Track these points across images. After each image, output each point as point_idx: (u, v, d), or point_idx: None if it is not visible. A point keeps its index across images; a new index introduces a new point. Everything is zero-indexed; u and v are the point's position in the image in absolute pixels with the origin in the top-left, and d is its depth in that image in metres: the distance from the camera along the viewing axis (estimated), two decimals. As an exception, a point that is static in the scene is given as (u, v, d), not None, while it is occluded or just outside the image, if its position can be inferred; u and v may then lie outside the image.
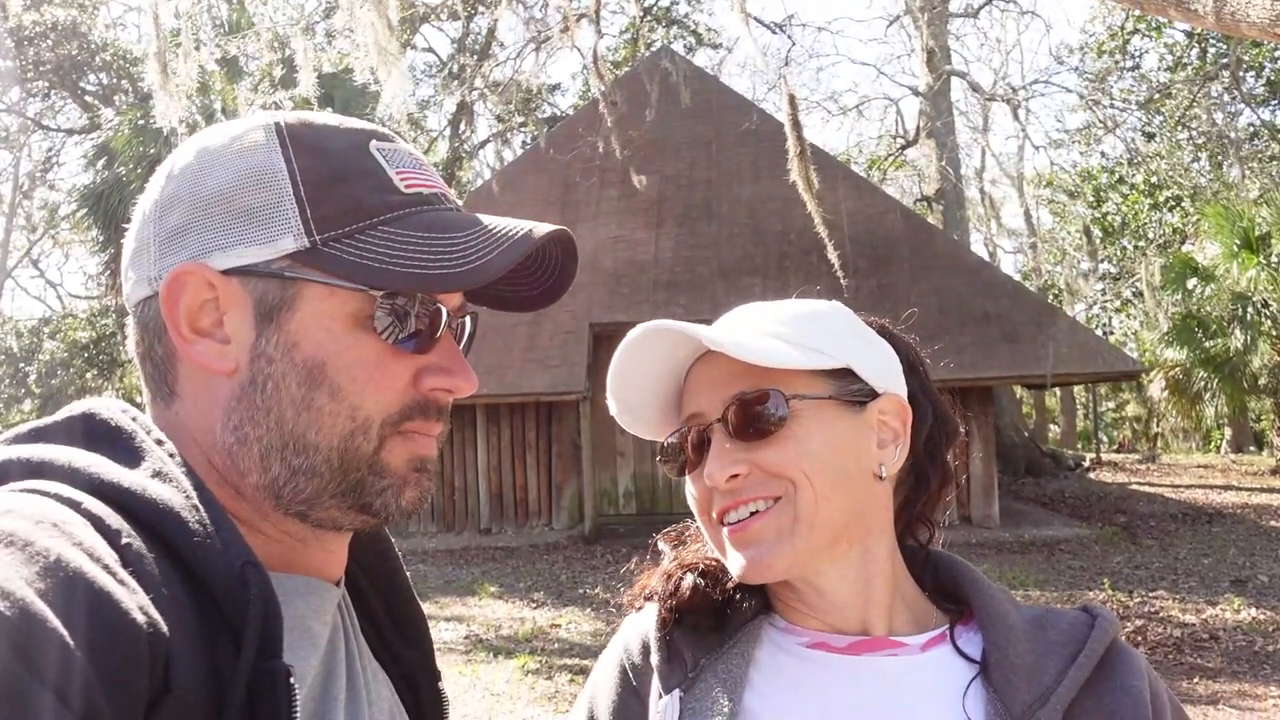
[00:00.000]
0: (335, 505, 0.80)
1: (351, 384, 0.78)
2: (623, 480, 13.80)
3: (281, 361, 0.78)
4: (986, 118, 32.50)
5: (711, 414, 1.01)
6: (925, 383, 1.12)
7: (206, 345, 0.79)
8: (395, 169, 0.83)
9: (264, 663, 0.67)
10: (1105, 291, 30.50)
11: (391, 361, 0.80)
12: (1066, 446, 25.91)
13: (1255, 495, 15.84)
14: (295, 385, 0.78)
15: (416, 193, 0.83)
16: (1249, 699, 6.22)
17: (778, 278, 13.41)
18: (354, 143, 0.83)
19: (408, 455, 0.81)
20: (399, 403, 0.80)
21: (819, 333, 1.03)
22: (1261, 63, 23.87)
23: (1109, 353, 14.20)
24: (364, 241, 0.79)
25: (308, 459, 0.78)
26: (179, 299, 0.79)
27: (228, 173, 0.80)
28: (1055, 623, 1.04)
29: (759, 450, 0.98)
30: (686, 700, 1.03)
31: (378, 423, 0.79)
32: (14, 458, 0.71)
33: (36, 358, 25.04)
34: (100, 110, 19.23)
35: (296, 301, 0.78)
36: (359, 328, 0.79)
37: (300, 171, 0.80)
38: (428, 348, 0.82)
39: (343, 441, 0.79)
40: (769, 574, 1.00)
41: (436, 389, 0.82)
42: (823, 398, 1.00)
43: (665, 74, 15.50)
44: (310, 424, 0.78)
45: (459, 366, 0.84)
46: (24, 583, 0.57)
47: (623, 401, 1.06)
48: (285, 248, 0.78)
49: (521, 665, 7.27)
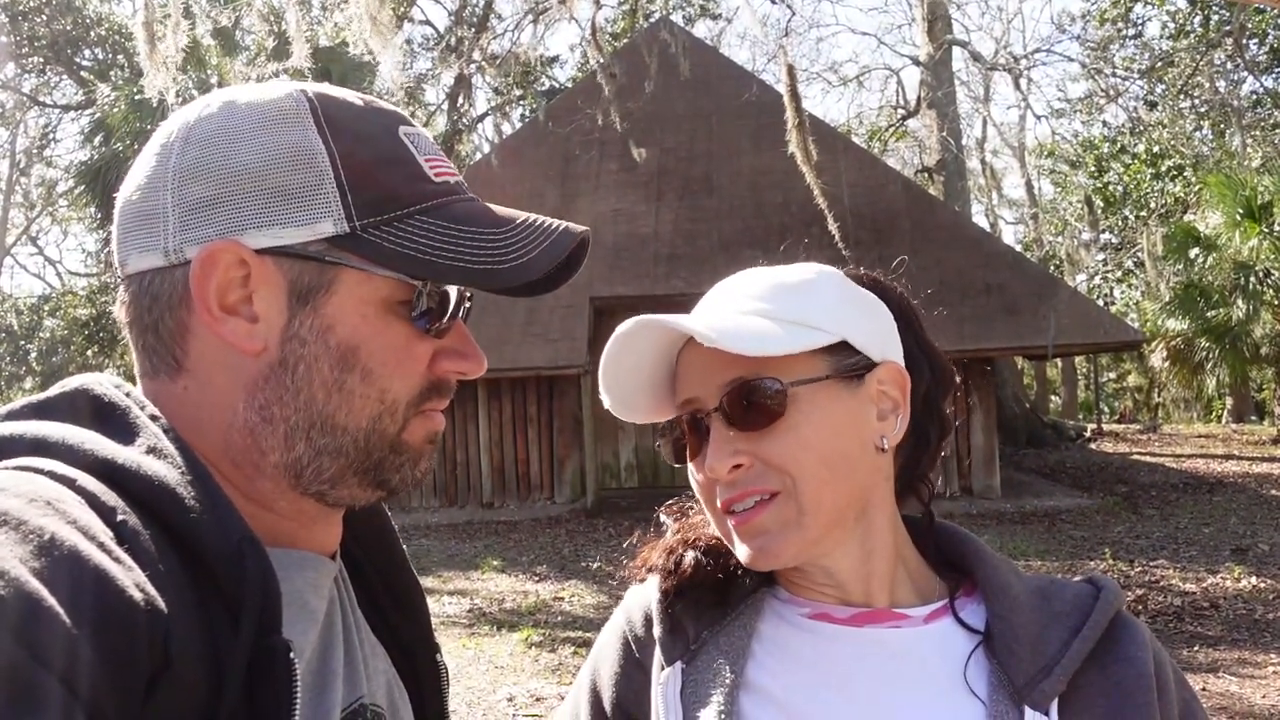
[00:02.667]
0: (356, 483, 0.82)
1: (382, 368, 0.80)
2: (624, 454, 13.84)
3: (315, 344, 0.78)
4: (988, 87, 32.35)
5: (708, 401, 0.99)
6: (920, 335, 1.09)
7: (236, 324, 0.78)
8: (424, 156, 0.84)
9: (263, 638, 0.67)
10: (1107, 262, 30.44)
11: (416, 345, 0.82)
12: (1068, 417, 25.94)
13: (1256, 465, 15.88)
14: (328, 368, 0.78)
15: (445, 182, 0.84)
16: (1249, 666, 6.26)
17: (778, 250, 13.27)
18: (386, 128, 0.83)
19: (425, 432, 0.84)
20: (420, 384, 0.83)
21: (810, 306, 1.00)
22: (1265, 30, 23.69)
23: (1110, 323, 14.19)
24: (403, 230, 0.79)
25: (334, 439, 0.79)
26: (211, 275, 0.77)
27: (261, 147, 0.78)
28: (1059, 593, 1.03)
29: (759, 440, 0.97)
30: (689, 672, 1.03)
31: (403, 404, 0.82)
32: (8, 434, 0.70)
33: (37, 335, 25.06)
34: (96, 86, 19.11)
35: (334, 285, 0.78)
36: (390, 313, 0.80)
37: (340, 155, 0.79)
38: (445, 331, 0.84)
39: (371, 423, 0.80)
40: (777, 562, 0.99)
41: (451, 371, 0.85)
42: (820, 379, 0.98)
43: (664, 45, 15.39)
44: (340, 406, 0.79)
45: (472, 350, 0.87)
46: (18, 562, 0.56)
47: (615, 394, 1.04)
48: (324, 231, 0.77)
49: (525, 638, 7.31)
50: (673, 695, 1.02)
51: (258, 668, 0.67)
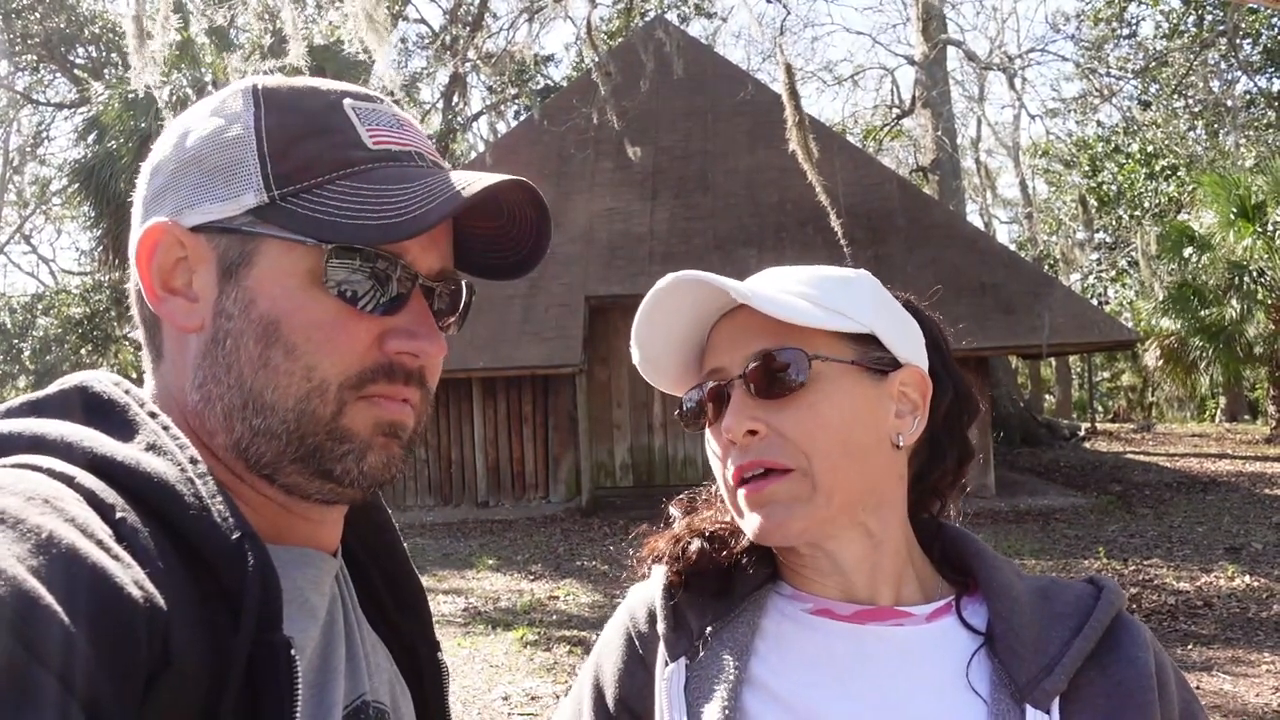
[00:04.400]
0: (297, 471, 0.78)
1: (307, 343, 0.77)
2: (619, 453, 13.83)
3: (240, 318, 0.78)
4: (982, 87, 32.38)
5: (733, 369, 1.01)
6: (948, 359, 1.11)
7: (176, 303, 0.80)
8: (368, 126, 0.82)
9: (264, 635, 0.67)
10: (1101, 261, 30.49)
11: (350, 322, 0.78)
12: (1062, 416, 25.99)
13: (1249, 464, 15.91)
14: (253, 343, 0.77)
15: (385, 149, 0.81)
16: (1242, 665, 6.27)
17: (774, 249, 13.37)
18: (328, 101, 0.83)
19: (372, 419, 0.79)
20: (359, 365, 0.78)
21: (846, 297, 1.02)
22: (1259, 29, 23.74)
23: (1104, 322, 14.20)
24: (320, 196, 0.78)
25: (265, 420, 0.77)
26: (151, 257, 0.80)
27: (203, 134, 0.81)
28: (1060, 594, 1.04)
29: (778, 411, 0.98)
30: (693, 668, 1.03)
31: (335, 385, 0.78)
32: (6, 431, 0.70)
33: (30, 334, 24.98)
34: (90, 84, 19.06)
35: (255, 257, 0.78)
36: (315, 286, 0.77)
37: (266, 129, 0.80)
38: (395, 310, 0.80)
39: (298, 403, 0.77)
40: (783, 537, 1.00)
41: (400, 352, 0.80)
42: (845, 362, 1.00)
43: (659, 44, 15.39)
44: (267, 383, 0.77)
45: (425, 330, 0.81)
46: (16, 560, 0.56)
47: (647, 351, 1.06)
48: (247, 203, 0.78)
49: (520, 637, 7.31)
50: (677, 691, 1.02)
51: (258, 665, 0.66)
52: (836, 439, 0.98)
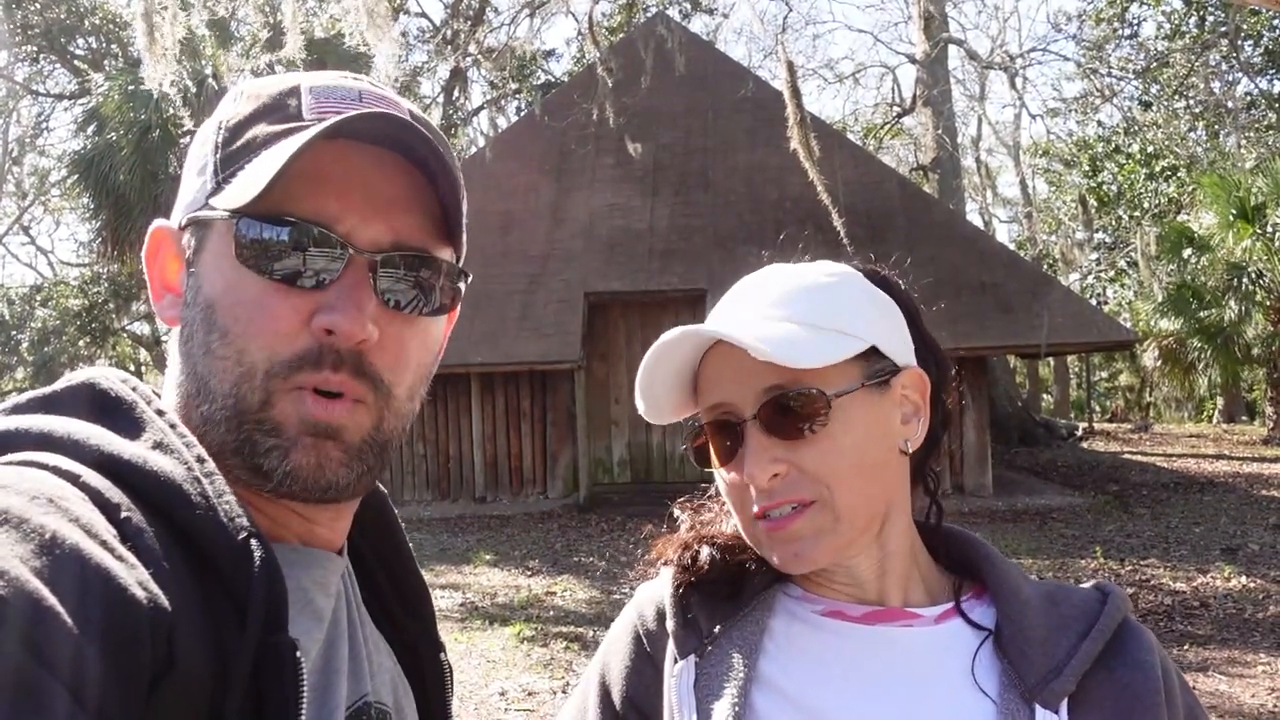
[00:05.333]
0: (239, 465, 0.75)
1: (235, 324, 0.75)
2: (617, 449, 13.83)
3: (193, 306, 0.78)
4: (983, 86, 32.34)
5: (743, 406, 0.99)
6: (923, 330, 1.10)
7: (168, 299, 0.81)
8: (316, 101, 0.80)
9: (269, 637, 0.66)
10: (1100, 261, 30.49)
11: (273, 300, 0.74)
12: (1060, 416, 26.00)
13: (1247, 465, 15.93)
14: (201, 330, 0.77)
15: (317, 118, 0.78)
16: (1238, 665, 6.28)
17: (773, 246, 13.22)
18: (287, 86, 0.82)
19: (297, 415, 0.75)
20: (289, 349, 0.74)
21: (841, 311, 1.00)
22: (1260, 31, 23.74)
23: (1103, 322, 14.21)
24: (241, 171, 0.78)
25: (210, 407, 0.76)
26: (154, 258, 0.82)
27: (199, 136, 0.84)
28: (1067, 598, 1.05)
29: (798, 449, 0.97)
30: (702, 666, 1.03)
31: (262, 371, 0.74)
32: (13, 428, 0.69)
33: (29, 325, 24.94)
34: (90, 75, 19.01)
35: (205, 242, 0.79)
36: (243, 264, 0.75)
37: (228, 119, 0.81)
38: (325, 286, 0.75)
39: (232, 388, 0.75)
40: (810, 567, 1.00)
41: (323, 328, 0.74)
42: (856, 389, 0.99)
43: (660, 41, 15.37)
44: (210, 370, 0.76)
45: (347, 304, 0.74)
46: (19, 561, 0.56)
47: (649, 399, 1.04)
48: (206, 192, 0.79)
49: (517, 633, 7.31)
50: (686, 688, 1.02)
51: (263, 667, 0.66)
52: (854, 465, 0.98)
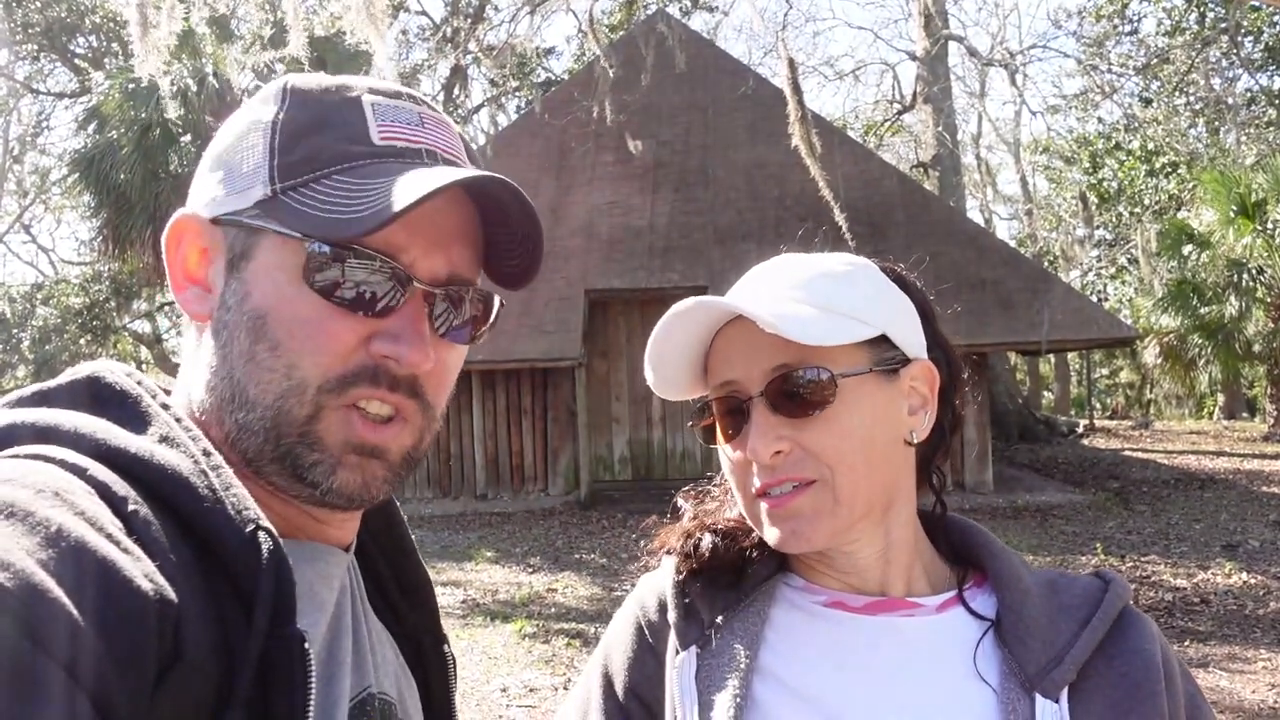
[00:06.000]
0: (276, 472, 0.77)
1: (290, 340, 0.76)
2: (618, 446, 13.84)
3: (235, 310, 0.78)
4: (984, 83, 32.31)
5: (750, 385, 1.00)
6: (937, 330, 1.11)
7: (194, 292, 0.81)
8: (381, 121, 0.81)
9: (277, 630, 0.66)
10: (1100, 258, 30.48)
11: (334, 321, 0.76)
12: (1060, 412, 25.99)
13: (1247, 461, 15.92)
14: (243, 336, 0.77)
15: (389, 145, 0.80)
16: (1239, 662, 6.29)
17: (773, 243, 13.23)
18: (347, 97, 0.82)
19: (343, 436, 0.77)
20: (341, 367, 0.76)
21: (854, 297, 1.01)
22: (1260, 27, 23.71)
23: (1104, 319, 14.20)
24: (314, 191, 0.77)
25: (247, 415, 0.77)
26: (176, 247, 0.82)
27: (235, 129, 0.83)
28: (1068, 586, 1.05)
29: (802, 428, 0.98)
30: (703, 657, 1.04)
31: (313, 387, 0.76)
32: (19, 421, 0.70)
33: (29, 323, 24.92)
34: (90, 74, 19.01)
35: (254, 250, 0.78)
36: (302, 282, 0.76)
37: (282, 123, 0.80)
38: (387, 312, 0.77)
39: (277, 400, 0.76)
40: (807, 546, 1.00)
41: (383, 355, 0.77)
42: (863, 372, 1.00)
43: (661, 38, 15.35)
44: (251, 378, 0.77)
45: (411, 335, 0.77)
46: (25, 554, 0.56)
47: (659, 371, 1.04)
48: (255, 196, 0.79)
49: (518, 629, 7.32)
50: (688, 679, 1.03)
51: (272, 659, 0.66)
52: (859, 449, 0.98)
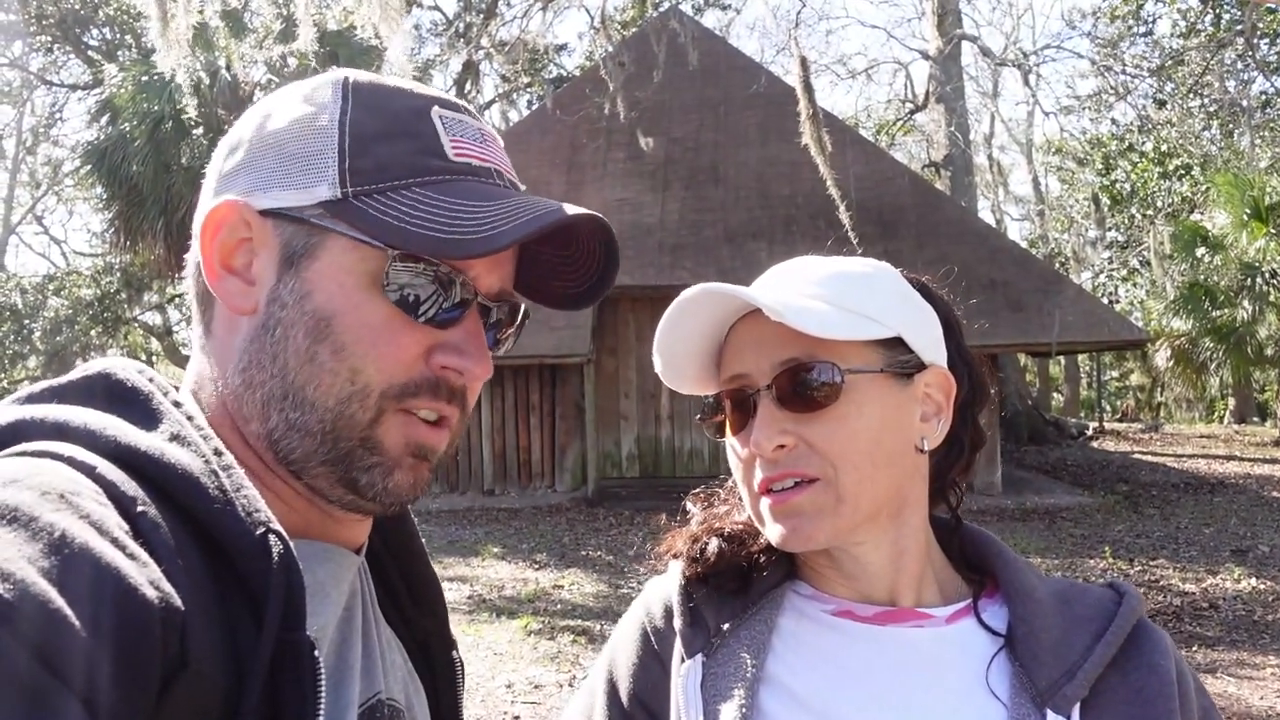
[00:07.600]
0: (324, 474, 0.78)
1: (356, 344, 0.76)
2: (626, 443, 13.83)
3: (293, 309, 0.77)
4: (996, 83, 32.30)
5: (759, 378, 0.99)
6: (961, 344, 1.10)
7: (233, 283, 0.79)
8: (451, 136, 0.81)
9: (287, 634, 0.66)
10: (1112, 260, 30.37)
11: (402, 330, 0.77)
12: (1070, 415, 25.92)
13: (1258, 466, 15.87)
14: (302, 335, 0.76)
15: (465, 162, 0.81)
16: (1247, 668, 6.26)
17: (784, 242, 13.33)
18: (415, 106, 0.82)
19: (404, 438, 0.78)
20: (405, 375, 0.77)
21: (870, 298, 1.00)
22: (1276, 29, 23.57)
23: (1115, 321, 14.15)
24: (394, 200, 0.77)
25: (303, 415, 0.76)
26: (216, 234, 0.80)
27: (287, 118, 0.81)
28: (1081, 598, 1.04)
29: (808, 423, 0.97)
30: (709, 665, 1.02)
31: (377, 392, 0.77)
32: (29, 418, 0.69)
33: (41, 314, 25.01)
34: (103, 66, 19.05)
35: (319, 250, 0.77)
36: (373, 288, 0.77)
37: (350, 124, 0.79)
38: (448, 324, 0.79)
39: (339, 404, 0.76)
40: (809, 545, 0.99)
41: (447, 367, 0.79)
42: (874, 371, 0.98)
43: (673, 35, 15.34)
44: (310, 378, 0.76)
45: (475, 349, 0.80)
46: (26, 562, 0.55)
47: (668, 359, 1.04)
48: (320, 195, 0.78)
49: (524, 626, 7.32)
50: (693, 687, 1.01)
51: (281, 665, 0.65)
52: (865, 449, 0.97)
